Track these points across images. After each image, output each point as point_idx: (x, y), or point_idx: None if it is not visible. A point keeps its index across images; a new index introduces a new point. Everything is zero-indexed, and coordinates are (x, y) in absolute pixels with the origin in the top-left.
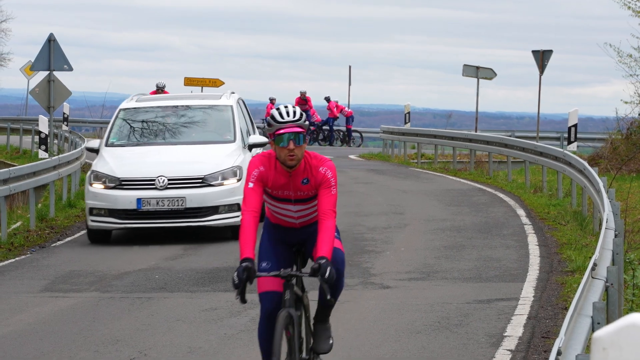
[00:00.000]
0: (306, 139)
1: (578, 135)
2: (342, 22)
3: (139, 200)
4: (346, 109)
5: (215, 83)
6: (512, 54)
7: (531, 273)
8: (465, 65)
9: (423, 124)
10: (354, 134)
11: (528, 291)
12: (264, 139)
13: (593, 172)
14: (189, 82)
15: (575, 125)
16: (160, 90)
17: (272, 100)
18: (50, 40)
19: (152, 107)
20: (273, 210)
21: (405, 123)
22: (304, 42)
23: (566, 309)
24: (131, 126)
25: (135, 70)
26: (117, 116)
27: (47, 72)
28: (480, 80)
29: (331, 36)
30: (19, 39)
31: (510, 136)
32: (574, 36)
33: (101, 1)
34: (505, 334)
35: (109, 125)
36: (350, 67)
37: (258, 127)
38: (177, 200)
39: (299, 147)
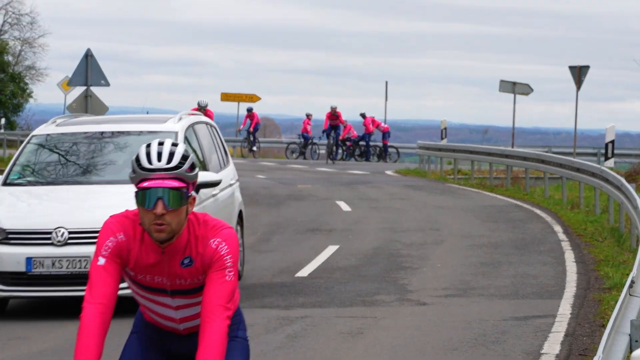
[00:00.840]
0: (191, 199)
1: (615, 151)
2: (379, 37)
3: (28, 260)
4: (383, 124)
5: (252, 98)
6: (549, 70)
7: (568, 290)
8: (502, 81)
9: (459, 139)
10: (390, 150)
11: (565, 308)
12: (216, 177)
13: (630, 188)
14: (226, 97)
15: (612, 141)
16: (202, 109)
17: (308, 116)
18: (88, 56)
19: (73, 133)
20: (143, 304)
21: (442, 139)
22: (341, 57)
23: (604, 326)
24: (41, 159)
25: (172, 85)
26: (25, 145)
27: (85, 88)
28: (517, 95)
29: (368, 52)
30: (56, 54)
31: (547, 152)
32: (611, 51)
33: (138, 16)
34: (542, 352)
35: (14, 157)
36: (387, 82)
37: (294, 143)
38: (80, 260)
39: (173, 211)
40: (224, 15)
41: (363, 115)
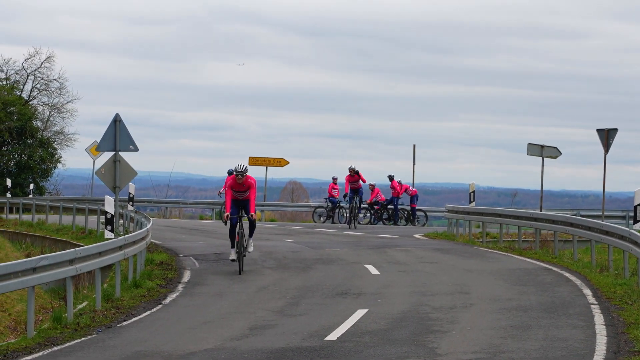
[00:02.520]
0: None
1: None
2: (406, 101)
3: None
4: (411, 187)
5: (280, 162)
6: (576, 132)
7: (598, 353)
8: (530, 144)
9: (488, 202)
10: (418, 213)
11: None
12: None
13: None
14: (254, 161)
15: None
16: (240, 175)
17: (334, 180)
18: (116, 121)
19: None
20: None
21: (470, 202)
22: (368, 121)
23: None
24: None
25: (199, 150)
26: None
27: (113, 153)
28: (545, 158)
29: (395, 115)
30: (85, 119)
31: (575, 215)
32: (639, 114)
33: (166, 81)
34: None
35: None
36: (414, 146)
37: (321, 207)
38: None
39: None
40: (251, 79)
41: (391, 178)
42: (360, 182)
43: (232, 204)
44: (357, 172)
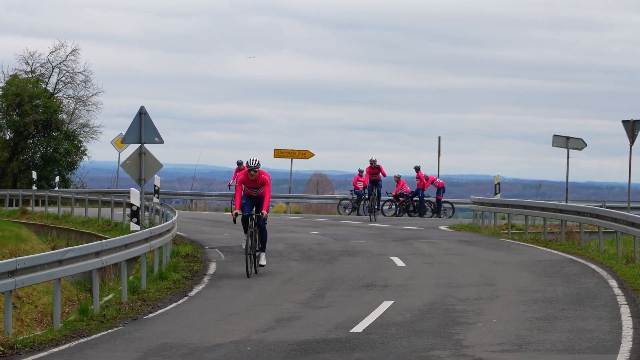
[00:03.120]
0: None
1: None
2: (431, 93)
3: None
4: (438, 180)
5: (305, 155)
6: (602, 124)
7: (624, 345)
8: (555, 135)
9: (513, 194)
10: (445, 205)
11: None
12: None
13: None
14: (279, 154)
15: None
16: (253, 171)
17: (360, 172)
18: (141, 113)
19: None
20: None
21: (496, 194)
22: (394, 113)
23: None
24: None
25: (225, 142)
26: None
27: (138, 145)
28: (571, 150)
29: (421, 107)
30: (110, 112)
31: (601, 206)
32: None
33: (191, 73)
34: None
35: None
36: (439, 137)
37: (346, 199)
38: None
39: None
40: (277, 72)
41: (417, 168)
42: (380, 175)
43: (244, 200)
44: (377, 166)
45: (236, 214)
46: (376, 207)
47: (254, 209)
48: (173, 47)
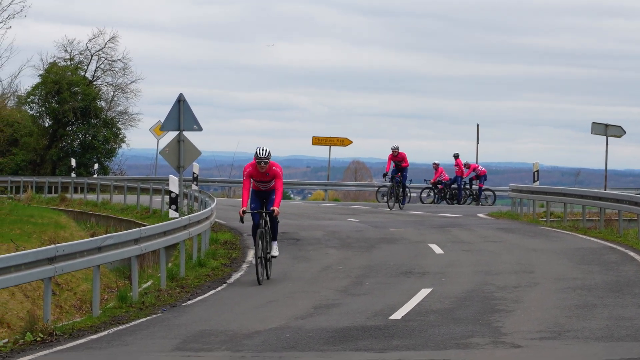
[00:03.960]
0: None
1: None
2: (469, 80)
3: None
4: (480, 167)
5: (343, 142)
6: None
7: None
8: (594, 123)
9: (551, 182)
10: (485, 192)
11: None
12: None
13: None
14: (318, 141)
15: None
16: (263, 163)
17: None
18: (180, 101)
19: None
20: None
21: (534, 181)
22: (432, 100)
23: None
24: None
25: (263, 130)
26: None
27: (177, 132)
28: (609, 137)
29: (458, 95)
30: (148, 99)
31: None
32: None
33: (229, 61)
34: None
35: None
36: (478, 125)
37: (384, 186)
38: None
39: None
40: (315, 60)
41: (456, 156)
42: (403, 164)
43: (252, 196)
44: (399, 154)
45: (243, 212)
46: (400, 195)
47: (265, 205)
48: (211, 34)
